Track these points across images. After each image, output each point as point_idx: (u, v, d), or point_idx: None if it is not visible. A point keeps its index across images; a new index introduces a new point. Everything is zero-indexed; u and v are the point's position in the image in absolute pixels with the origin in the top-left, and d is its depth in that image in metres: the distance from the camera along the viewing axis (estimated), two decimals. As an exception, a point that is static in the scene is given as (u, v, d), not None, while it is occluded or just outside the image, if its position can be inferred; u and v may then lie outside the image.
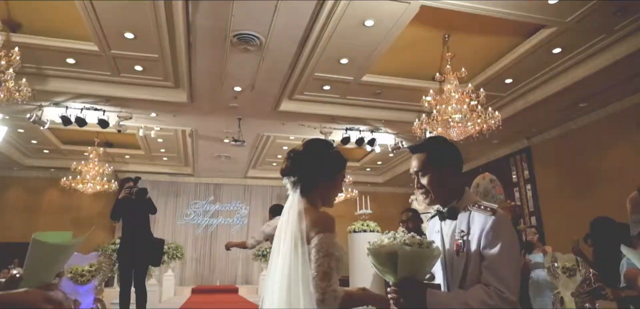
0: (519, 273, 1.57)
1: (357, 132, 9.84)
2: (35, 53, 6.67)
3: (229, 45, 6.36)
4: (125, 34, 6.19)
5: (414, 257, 1.57)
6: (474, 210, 1.66)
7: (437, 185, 1.76)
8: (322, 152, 1.79)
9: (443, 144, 1.85)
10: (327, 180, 1.76)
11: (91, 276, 4.14)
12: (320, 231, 1.56)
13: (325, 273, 1.51)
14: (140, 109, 8.69)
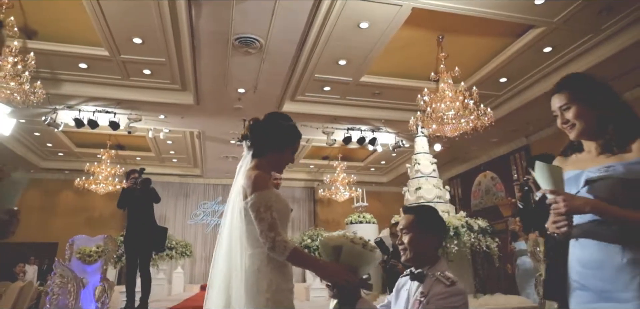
0: None
1: (358, 131, 10.11)
2: (49, 58, 7.08)
3: (230, 48, 6.70)
4: (134, 39, 6.56)
5: (355, 253, 1.83)
6: (437, 279, 1.89)
7: (415, 245, 1.99)
8: (276, 124, 2.02)
9: (432, 214, 2.08)
10: (277, 150, 2.00)
11: (98, 256, 4.49)
12: (255, 190, 1.80)
13: (270, 224, 1.74)
14: (150, 111, 9.08)
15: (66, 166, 13.25)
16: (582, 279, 1.63)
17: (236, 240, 1.83)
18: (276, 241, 1.72)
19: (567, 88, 1.75)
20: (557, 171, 1.65)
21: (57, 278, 4.15)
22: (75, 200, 13.81)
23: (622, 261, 1.52)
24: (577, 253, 1.67)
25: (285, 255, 1.72)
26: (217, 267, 1.88)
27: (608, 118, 1.68)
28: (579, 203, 1.58)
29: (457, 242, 4.99)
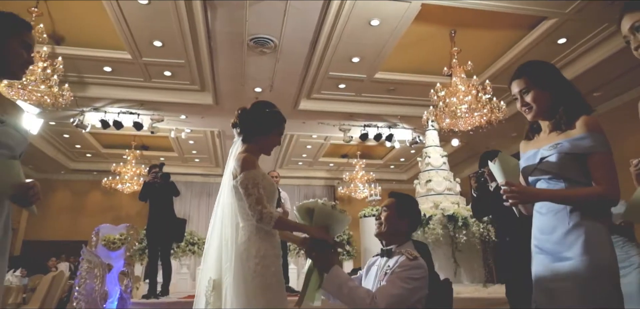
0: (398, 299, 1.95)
1: (375, 128, 10.20)
2: (76, 63, 7.46)
3: (246, 49, 6.93)
4: (154, 42, 6.86)
5: (325, 214, 2.06)
6: (402, 254, 2.12)
7: (389, 223, 2.26)
8: (261, 112, 2.24)
9: (411, 203, 2.35)
10: (264, 134, 2.21)
11: (121, 243, 4.80)
12: (244, 169, 2.02)
13: (258, 198, 1.96)
14: (171, 112, 9.41)
15: (94, 167, 13.79)
16: (539, 243, 1.82)
17: (228, 215, 2.07)
18: (263, 213, 1.94)
19: (525, 74, 1.92)
20: (511, 165, 1.87)
21: (84, 264, 4.46)
22: (103, 200, 14.35)
23: (569, 226, 1.72)
24: (537, 222, 1.86)
25: (272, 223, 1.95)
26: (212, 241, 2.11)
27: (559, 100, 1.85)
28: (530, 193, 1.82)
29: (466, 232, 5.05)
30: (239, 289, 1.90)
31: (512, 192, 1.78)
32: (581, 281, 1.63)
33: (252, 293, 1.89)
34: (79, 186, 14.59)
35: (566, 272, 1.68)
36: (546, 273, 1.76)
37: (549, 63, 2.01)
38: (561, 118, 1.83)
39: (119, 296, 4.57)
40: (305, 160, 14.29)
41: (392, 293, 1.94)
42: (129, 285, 4.77)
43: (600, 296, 1.60)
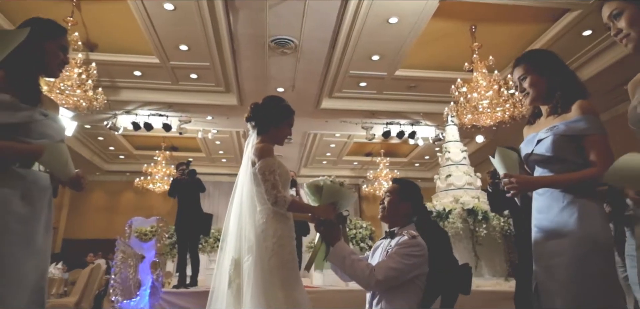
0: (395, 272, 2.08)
1: (397, 125, 10.22)
2: (108, 68, 7.86)
3: (267, 50, 7.13)
4: (180, 46, 7.16)
5: (333, 190, 2.24)
6: (403, 234, 2.25)
7: (392, 207, 2.39)
8: (272, 105, 2.42)
9: (413, 189, 2.46)
10: (276, 125, 2.39)
11: (152, 235, 5.12)
12: (261, 157, 2.21)
13: (273, 184, 2.14)
14: (198, 113, 9.73)
15: (127, 168, 14.36)
16: (538, 222, 1.91)
17: (246, 200, 2.26)
18: (278, 197, 2.14)
19: (523, 62, 2.02)
20: (510, 158, 1.94)
21: (119, 254, 4.77)
22: (136, 199, 14.90)
23: (563, 204, 1.80)
24: (535, 203, 1.95)
25: (286, 206, 2.16)
26: (231, 223, 2.31)
27: (556, 85, 1.93)
28: (528, 182, 1.91)
29: (486, 226, 5.06)
30: (258, 267, 2.09)
31: (511, 183, 1.88)
32: (576, 256, 1.71)
33: (269, 269, 2.09)
34: (113, 186, 15.21)
35: (562, 248, 1.76)
36: (544, 250, 1.85)
37: (548, 51, 2.10)
38: (557, 102, 1.91)
39: (151, 284, 4.87)
40: (330, 159, 14.43)
41: (390, 266, 2.08)
42: (160, 274, 5.06)
43: (594, 269, 1.67)
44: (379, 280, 2.06)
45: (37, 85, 1.76)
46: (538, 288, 1.89)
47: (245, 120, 2.42)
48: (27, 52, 1.62)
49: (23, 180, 1.63)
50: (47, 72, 1.82)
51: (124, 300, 4.56)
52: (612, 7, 1.60)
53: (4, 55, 1.31)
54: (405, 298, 2.10)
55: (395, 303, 2.08)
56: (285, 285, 2.08)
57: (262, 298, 2.00)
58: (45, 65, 1.77)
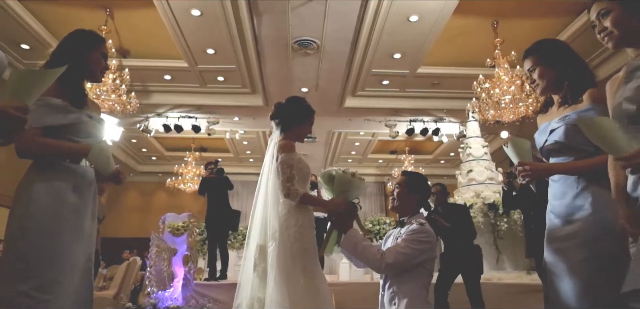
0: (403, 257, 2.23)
1: (421, 122, 10.26)
2: (140, 73, 8.25)
3: (291, 51, 7.34)
4: (207, 50, 7.45)
5: (344, 180, 2.42)
6: (412, 223, 2.40)
7: (401, 198, 2.52)
8: (295, 105, 2.61)
9: (419, 180, 2.60)
10: (297, 124, 2.57)
11: (184, 229, 5.42)
12: (282, 152, 2.40)
13: (288, 177, 2.32)
14: (225, 114, 10.05)
15: (159, 169, 14.90)
16: (553, 209, 1.99)
17: (271, 191, 2.47)
18: (290, 190, 2.32)
19: (533, 53, 2.07)
20: (523, 147, 2.00)
21: (154, 248, 5.10)
22: (168, 199, 15.41)
23: (577, 190, 1.87)
24: (551, 190, 2.02)
25: (297, 199, 2.33)
26: (256, 214, 2.51)
27: (565, 75, 1.97)
28: (542, 169, 1.98)
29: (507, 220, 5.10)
30: (281, 252, 2.29)
31: (525, 171, 1.95)
32: (588, 238, 1.79)
33: (291, 255, 2.28)
34: (146, 187, 15.80)
35: (575, 231, 1.84)
36: (558, 234, 1.93)
37: (557, 40, 2.14)
38: (567, 92, 1.97)
39: (184, 276, 5.17)
40: (355, 157, 14.55)
41: (399, 251, 2.24)
42: (191, 267, 5.36)
43: (605, 253, 1.73)
44: (389, 264, 2.22)
45: (83, 90, 1.99)
46: (546, 269, 1.97)
47: (270, 118, 2.62)
48: (74, 61, 1.84)
49: (73, 174, 1.86)
50: (91, 78, 2.04)
51: (158, 291, 4.86)
52: (601, 6, 1.66)
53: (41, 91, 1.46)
54: (414, 281, 2.24)
55: (404, 285, 2.23)
56: (306, 272, 2.26)
57: (284, 282, 2.18)
58: (90, 72, 2.00)
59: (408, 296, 2.19)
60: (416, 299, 2.20)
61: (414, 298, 2.19)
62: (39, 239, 1.69)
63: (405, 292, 2.21)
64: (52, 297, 1.66)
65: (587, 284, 1.76)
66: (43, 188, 1.76)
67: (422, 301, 2.23)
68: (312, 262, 2.33)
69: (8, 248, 1.70)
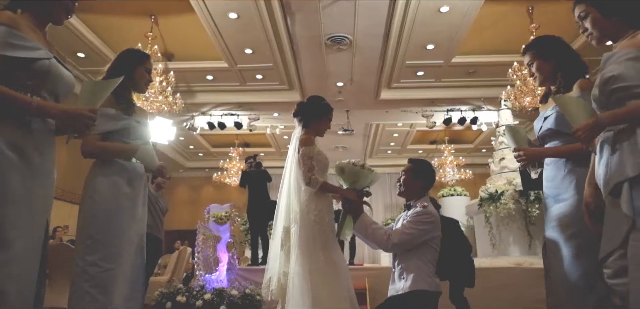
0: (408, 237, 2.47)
1: (459, 112, 10.22)
2: (184, 74, 8.80)
3: (324, 48, 7.59)
4: (245, 50, 7.85)
5: (353, 171, 2.68)
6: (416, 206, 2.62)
7: (407, 184, 2.73)
8: (314, 103, 2.91)
9: (425, 167, 2.80)
10: (318, 120, 2.85)
11: (227, 219, 5.86)
12: (303, 145, 2.68)
13: (309, 168, 2.60)
14: (265, 111, 10.48)
15: (205, 164, 15.64)
16: (546, 190, 2.20)
17: (294, 180, 2.76)
18: (311, 178, 2.60)
19: (530, 49, 2.30)
20: (519, 133, 2.26)
21: (200, 236, 5.58)
22: (215, 193, 16.14)
23: (565, 172, 2.08)
24: (545, 173, 2.23)
25: (317, 187, 2.61)
26: (281, 200, 2.81)
27: (559, 67, 2.16)
28: (534, 153, 2.19)
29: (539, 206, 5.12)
30: (303, 233, 2.58)
31: (520, 156, 2.19)
32: (573, 217, 1.99)
33: (312, 236, 2.57)
34: (195, 182, 16.63)
35: (563, 210, 2.06)
36: (551, 214, 2.14)
37: (554, 36, 2.30)
38: (560, 83, 2.15)
39: (228, 261, 5.63)
40: (394, 148, 14.63)
41: (404, 232, 2.50)
42: (235, 253, 5.82)
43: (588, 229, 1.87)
44: (395, 243, 2.49)
45: (131, 100, 2.36)
46: (546, 245, 2.17)
47: (293, 115, 2.91)
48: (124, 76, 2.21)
49: (126, 169, 2.25)
50: (137, 90, 2.42)
51: (206, 274, 5.36)
52: (580, 9, 1.83)
53: (104, 98, 1.86)
54: (420, 257, 2.49)
55: (411, 261, 2.48)
56: (325, 250, 2.54)
57: (305, 258, 2.48)
58: (136, 85, 2.37)
59: (415, 271, 2.45)
60: (422, 274, 2.45)
61: (421, 273, 2.44)
62: (102, 222, 2.10)
63: (412, 267, 2.47)
64: (114, 266, 2.08)
65: (574, 258, 1.95)
66: (104, 182, 2.16)
67: (428, 275, 2.48)
68: (330, 241, 2.60)
69: (81, 230, 2.12)
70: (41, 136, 1.62)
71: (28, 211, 1.53)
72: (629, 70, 1.55)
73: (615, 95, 1.58)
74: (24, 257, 1.50)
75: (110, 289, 2.04)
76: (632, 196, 1.48)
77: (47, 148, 1.66)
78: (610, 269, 1.61)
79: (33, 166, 1.57)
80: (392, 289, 2.62)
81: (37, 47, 1.61)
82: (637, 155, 1.48)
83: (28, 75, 1.58)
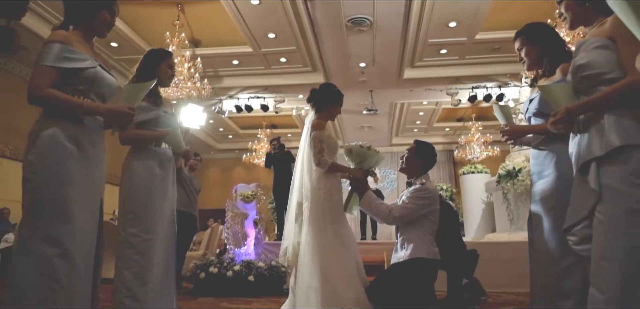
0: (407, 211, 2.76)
1: (484, 89, 10.13)
2: (211, 60, 9.13)
3: (345, 29, 7.73)
4: (269, 35, 8.09)
5: (360, 152, 2.91)
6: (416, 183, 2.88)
7: (408, 162, 3.00)
8: (326, 90, 3.10)
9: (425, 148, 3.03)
10: (329, 106, 3.05)
11: (253, 197, 6.29)
12: (314, 129, 2.90)
13: (319, 150, 2.83)
14: (290, 93, 10.69)
15: (235, 146, 16.12)
16: (532, 168, 2.37)
17: (306, 161, 3.00)
18: (320, 159, 2.84)
19: (520, 35, 2.43)
20: (506, 111, 2.43)
21: (229, 213, 6.03)
22: (245, 173, 16.61)
23: (546, 151, 2.24)
24: (531, 152, 2.40)
25: (326, 167, 2.85)
26: (296, 178, 3.08)
27: (545, 53, 2.29)
28: (518, 130, 2.41)
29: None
30: (313, 209, 2.83)
31: (506, 132, 2.38)
32: (553, 191, 2.17)
33: (322, 211, 2.81)
34: (226, 163, 17.18)
35: (545, 186, 2.22)
36: (536, 188, 2.31)
37: (542, 23, 2.45)
38: (545, 67, 2.30)
39: (255, 236, 6.04)
40: (420, 127, 14.64)
41: (404, 207, 2.78)
42: (261, 229, 6.25)
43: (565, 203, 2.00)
44: (395, 216, 2.77)
45: (159, 93, 2.68)
46: (531, 217, 2.34)
47: (307, 101, 3.13)
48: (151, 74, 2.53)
49: (157, 154, 2.58)
50: (162, 84, 2.70)
51: (235, 248, 5.80)
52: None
53: (141, 98, 2.21)
54: (420, 228, 2.75)
55: (412, 233, 2.75)
56: (333, 224, 2.79)
57: (315, 231, 2.74)
58: (161, 80, 2.66)
59: (414, 242, 2.72)
60: (421, 243, 2.72)
61: (420, 243, 2.71)
62: (140, 199, 2.46)
63: (412, 238, 2.74)
64: (151, 236, 2.45)
65: (552, 228, 2.14)
66: (139, 165, 2.51)
67: (427, 244, 2.75)
68: (339, 217, 2.86)
69: (122, 206, 2.49)
70: (93, 130, 1.97)
71: (86, 192, 1.88)
72: (597, 57, 1.69)
73: (585, 82, 1.73)
74: (85, 228, 1.85)
75: (149, 255, 2.42)
76: (598, 173, 1.66)
77: (98, 139, 2.01)
78: (576, 237, 1.79)
79: (88, 155, 1.92)
80: (394, 258, 2.90)
81: (85, 58, 1.94)
82: (603, 137, 1.64)
83: (79, 81, 1.92)
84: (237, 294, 4.90)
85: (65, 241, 1.74)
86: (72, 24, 2.05)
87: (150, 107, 2.57)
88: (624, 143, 1.58)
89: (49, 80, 1.83)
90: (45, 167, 1.78)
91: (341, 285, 2.56)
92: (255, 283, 5.01)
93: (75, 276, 1.77)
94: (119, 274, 2.37)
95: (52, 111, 1.86)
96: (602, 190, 1.63)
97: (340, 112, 3.17)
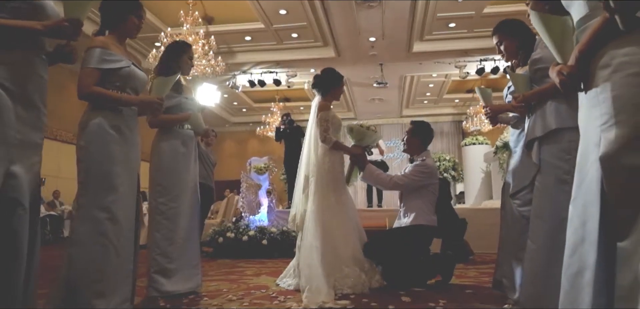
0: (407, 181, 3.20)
1: (492, 62, 10.27)
2: (224, 36, 9.43)
3: (355, 5, 7.93)
4: (280, 11, 8.34)
5: (360, 131, 3.27)
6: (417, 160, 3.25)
7: (409, 142, 3.39)
8: (328, 75, 3.41)
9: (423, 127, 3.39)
10: (332, 88, 3.38)
11: (265, 169, 6.75)
12: (320, 110, 3.25)
13: (325, 128, 3.18)
14: (302, 67, 10.98)
15: (249, 119, 16.52)
16: (510, 144, 2.68)
17: (313, 138, 3.36)
18: (326, 137, 3.20)
19: (497, 31, 2.66)
20: (486, 93, 2.73)
21: (244, 184, 6.50)
22: (259, 145, 17.04)
23: (518, 131, 2.55)
24: (510, 131, 2.71)
25: (330, 144, 3.21)
26: (304, 153, 3.43)
27: (521, 46, 2.54)
28: (496, 108, 2.66)
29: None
30: (318, 181, 3.21)
31: (487, 113, 2.67)
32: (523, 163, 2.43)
33: (326, 182, 3.20)
34: (240, 136, 17.64)
35: (515, 161, 2.53)
36: (510, 162, 2.62)
37: (516, 20, 2.65)
38: (520, 58, 2.55)
39: (268, 205, 6.54)
40: (430, 99, 14.81)
41: (405, 177, 3.22)
42: (273, 198, 6.73)
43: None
44: (396, 182, 3.22)
45: (180, 81, 3.04)
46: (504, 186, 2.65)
47: (311, 86, 3.47)
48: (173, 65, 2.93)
49: (181, 134, 3.01)
50: (183, 73, 3.08)
51: (250, 216, 6.30)
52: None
53: (168, 89, 2.60)
54: (421, 198, 3.16)
55: (413, 202, 3.17)
56: (335, 193, 3.18)
57: (320, 199, 3.12)
58: (183, 70, 3.05)
59: (415, 211, 3.12)
60: (422, 212, 3.13)
61: (420, 212, 3.12)
62: (167, 173, 2.91)
63: (413, 207, 3.14)
64: (177, 204, 2.90)
65: None
66: (165, 145, 2.96)
67: (428, 213, 3.15)
68: (340, 186, 3.25)
69: (152, 179, 2.93)
70: (130, 118, 2.35)
71: (126, 168, 2.27)
72: (548, 53, 1.98)
73: (538, 74, 2.05)
74: (126, 197, 2.25)
75: (176, 220, 2.88)
76: (540, 150, 2.03)
77: (134, 125, 2.38)
78: (520, 201, 2.24)
79: (126, 138, 2.29)
80: (397, 224, 3.30)
81: (121, 59, 2.30)
82: (544, 120, 2.01)
83: (116, 78, 2.28)
84: (252, 257, 5.48)
85: (112, 207, 2.15)
86: (107, 29, 2.39)
87: (173, 95, 2.95)
88: (559, 126, 1.94)
89: (93, 80, 2.19)
90: (94, 150, 2.16)
91: (340, 244, 2.98)
92: (268, 246, 5.53)
93: (121, 234, 2.19)
94: (151, 236, 2.86)
95: (97, 104, 2.24)
96: (541, 163, 2.02)
97: (344, 91, 3.52)
